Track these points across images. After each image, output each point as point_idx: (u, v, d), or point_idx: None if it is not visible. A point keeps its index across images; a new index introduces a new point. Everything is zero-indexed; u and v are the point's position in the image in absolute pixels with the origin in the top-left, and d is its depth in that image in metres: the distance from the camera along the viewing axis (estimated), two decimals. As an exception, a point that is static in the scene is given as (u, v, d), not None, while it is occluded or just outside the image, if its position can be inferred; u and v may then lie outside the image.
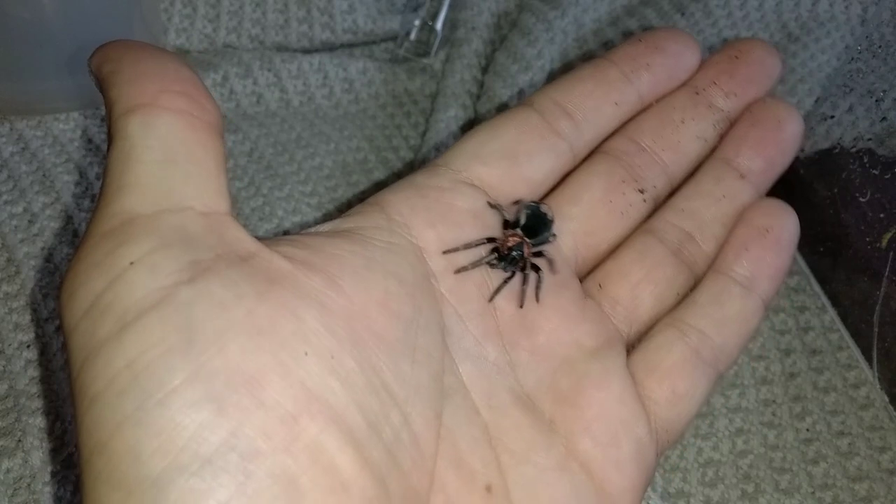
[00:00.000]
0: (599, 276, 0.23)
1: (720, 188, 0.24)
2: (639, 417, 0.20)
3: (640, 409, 0.20)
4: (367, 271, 0.18)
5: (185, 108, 0.16)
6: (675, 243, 0.23)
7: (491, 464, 0.18)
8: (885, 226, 0.31)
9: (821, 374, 0.32)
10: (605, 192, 0.23)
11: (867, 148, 0.32)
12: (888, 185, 0.31)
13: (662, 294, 0.23)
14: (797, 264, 0.35)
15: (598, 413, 0.20)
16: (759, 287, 0.23)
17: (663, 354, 0.22)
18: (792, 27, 0.42)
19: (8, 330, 0.28)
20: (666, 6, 0.44)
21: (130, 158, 0.16)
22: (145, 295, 0.15)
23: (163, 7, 0.39)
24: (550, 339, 0.21)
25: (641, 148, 0.24)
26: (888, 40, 0.32)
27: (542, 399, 0.20)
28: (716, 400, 0.31)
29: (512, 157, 0.22)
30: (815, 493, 0.29)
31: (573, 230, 0.23)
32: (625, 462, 0.19)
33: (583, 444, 0.19)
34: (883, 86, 0.32)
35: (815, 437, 0.30)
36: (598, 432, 0.19)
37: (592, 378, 0.20)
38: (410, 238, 0.20)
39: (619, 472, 0.19)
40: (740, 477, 0.29)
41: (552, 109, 0.23)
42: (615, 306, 0.22)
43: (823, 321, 0.33)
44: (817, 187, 0.34)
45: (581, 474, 0.19)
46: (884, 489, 0.29)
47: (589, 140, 0.24)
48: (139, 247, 0.15)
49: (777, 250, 0.23)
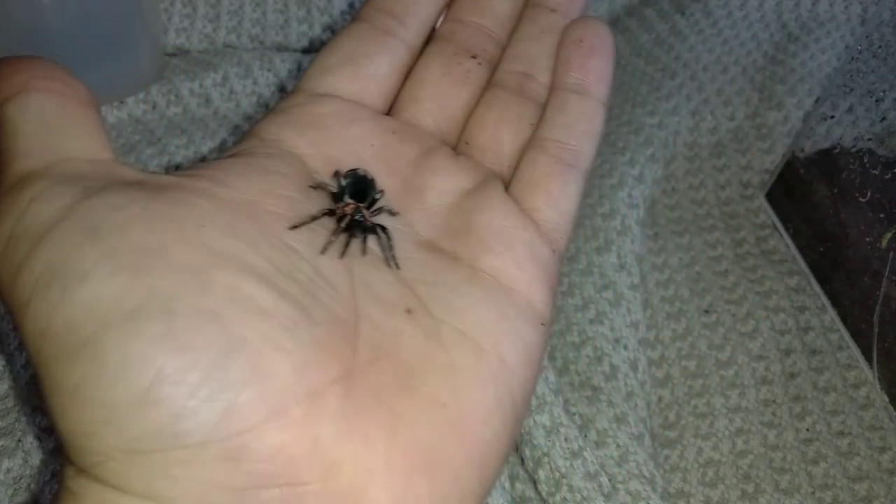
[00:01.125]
0: (464, 136, 0.26)
1: (537, 26, 0.28)
2: (525, 223, 0.23)
3: (524, 217, 0.23)
4: (251, 171, 0.20)
5: (54, 87, 0.19)
6: (516, 85, 0.27)
7: (408, 295, 0.20)
8: (885, 226, 0.31)
9: (821, 374, 0.32)
10: (442, 68, 0.26)
11: (867, 148, 0.32)
12: (888, 185, 0.31)
13: (518, 129, 0.26)
14: (797, 264, 0.35)
15: (489, 231, 0.23)
16: (591, 89, 0.26)
17: (531, 169, 0.25)
18: (792, 27, 0.42)
19: (8, 330, 0.28)
20: (666, 6, 0.44)
21: (14, 135, 0.18)
22: (49, 216, 0.17)
23: (163, 7, 0.39)
24: (436, 194, 0.23)
25: (465, 23, 0.27)
26: (888, 40, 0.32)
27: (441, 240, 0.22)
28: (716, 400, 0.31)
29: (354, 62, 0.25)
30: (815, 493, 0.29)
31: (428, 109, 0.26)
32: (523, 261, 0.22)
33: (484, 259, 0.22)
34: (883, 86, 0.32)
35: (815, 437, 0.30)
36: (493, 245, 0.22)
37: (478, 208, 0.23)
38: (285, 148, 0.22)
39: (521, 270, 0.22)
40: (740, 477, 0.29)
41: (376, 16, 0.26)
42: (484, 153, 0.25)
43: (823, 321, 0.33)
44: (817, 187, 0.34)
45: (489, 281, 0.22)
46: (884, 489, 0.29)
47: (416, 32, 0.26)
48: (36, 187, 0.17)
49: (594, 54, 0.27)
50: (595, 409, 0.29)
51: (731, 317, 0.33)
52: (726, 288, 0.34)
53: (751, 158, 0.39)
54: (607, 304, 0.32)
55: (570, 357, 0.31)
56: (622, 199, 0.35)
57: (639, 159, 0.36)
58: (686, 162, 0.39)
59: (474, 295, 0.21)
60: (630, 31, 0.43)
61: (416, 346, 0.19)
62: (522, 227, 0.23)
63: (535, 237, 0.23)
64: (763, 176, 0.38)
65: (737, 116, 0.39)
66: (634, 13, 0.44)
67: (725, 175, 0.38)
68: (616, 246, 0.33)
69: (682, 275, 0.35)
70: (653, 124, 0.38)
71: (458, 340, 0.20)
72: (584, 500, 0.26)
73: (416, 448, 0.18)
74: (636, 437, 0.28)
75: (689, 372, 0.32)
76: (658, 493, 0.27)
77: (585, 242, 0.34)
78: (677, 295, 0.34)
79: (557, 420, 0.28)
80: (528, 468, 0.28)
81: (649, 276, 0.35)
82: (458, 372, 0.19)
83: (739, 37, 0.42)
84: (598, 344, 0.31)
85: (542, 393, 0.28)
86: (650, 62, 0.41)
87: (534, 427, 0.28)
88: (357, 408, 0.17)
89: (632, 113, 0.38)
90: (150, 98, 0.37)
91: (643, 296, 0.33)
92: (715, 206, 0.38)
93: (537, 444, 0.28)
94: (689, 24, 0.42)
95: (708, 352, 0.32)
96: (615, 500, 0.27)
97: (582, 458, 0.27)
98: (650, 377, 0.32)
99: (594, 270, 0.33)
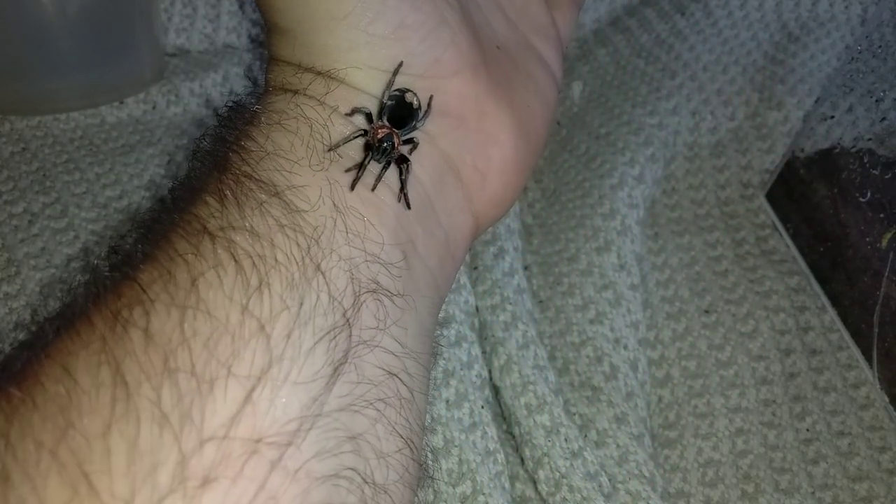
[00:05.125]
0: None
1: None
2: (552, 24, 0.30)
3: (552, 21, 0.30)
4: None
5: None
6: None
7: (493, 36, 0.27)
8: (885, 226, 0.31)
9: (821, 374, 0.32)
10: None
11: (867, 148, 0.32)
12: (888, 185, 0.31)
13: None
14: (797, 264, 0.35)
15: (537, 22, 0.29)
16: None
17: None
18: (792, 27, 0.42)
19: (8, 330, 0.28)
20: (666, 6, 0.44)
21: None
22: None
23: (163, 7, 0.39)
24: None
25: None
26: (888, 40, 0.32)
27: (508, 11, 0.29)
28: (716, 400, 0.31)
29: None
30: (815, 493, 0.29)
31: None
32: (554, 49, 0.29)
33: (531, 38, 0.29)
34: (883, 86, 0.32)
35: (815, 437, 0.30)
36: (538, 30, 0.29)
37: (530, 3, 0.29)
38: None
39: (553, 53, 0.29)
40: (740, 477, 0.29)
41: None
42: None
43: (823, 321, 0.33)
44: (817, 187, 0.34)
45: (536, 51, 0.28)
46: (884, 489, 0.29)
47: None
48: None
49: None
50: (595, 409, 0.29)
51: (731, 317, 0.33)
52: (726, 288, 0.34)
53: (751, 158, 0.39)
54: (607, 305, 0.32)
55: (570, 357, 0.31)
56: (622, 199, 0.35)
57: (639, 159, 0.36)
58: (686, 162, 0.39)
59: (530, 56, 0.28)
60: (630, 31, 0.43)
61: (508, 60, 0.26)
62: (552, 26, 0.29)
63: (557, 38, 0.29)
64: (763, 176, 0.38)
65: (737, 116, 0.39)
66: (634, 13, 0.44)
67: (725, 175, 0.38)
68: (616, 246, 0.33)
69: (682, 275, 0.35)
70: (653, 124, 0.38)
71: (530, 71, 0.27)
72: (584, 500, 0.26)
73: (523, 116, 0.26)
74: (636, 437, 0.28)
75: (689, 372, 0.32)
76: (658, 493, 0.27)
77: (585, 242, 0.34)
78: (677, 295, 0.34)
79: (557, 420, 0.28)
80: (528, 468, 0.28)
81: (649, 276, 0.35)
82: (536, 79, 0.27)
83: (739, 37, 0.42)
84: (598, 344, 0.31)
85: (543, 393, 0.28)
86: (650, 62, 0.41)
87: (534, 427, 0.28)
88: (493, 79, 0.25)
89: (632, 113, 0.38)
90: (150, 98, 0.37)
91: (643, 296, 0.33)
92: (715, 206, 0.38)
93: (537, 444, 0.28)
94: (689, 24, 0.42)
95: (708, 352, 0.32)
96: (615, 500, 0.27)
97: (582, 458, 0.27)
98: (650, 377, 0.32)
99: (594, 270, 0.33)
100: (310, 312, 0.18)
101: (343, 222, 0.20)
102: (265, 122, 0.22)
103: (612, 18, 0.45)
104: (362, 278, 0.20)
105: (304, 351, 0.18)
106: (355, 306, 0.20)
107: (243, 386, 0.17)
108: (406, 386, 0.20)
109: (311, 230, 0.20)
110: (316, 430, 0.18)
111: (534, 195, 0.38)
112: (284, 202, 0.20)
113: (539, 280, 0.34)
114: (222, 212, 0.19)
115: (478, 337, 0.31)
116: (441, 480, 0.26)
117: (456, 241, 0.25)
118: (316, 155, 0.21)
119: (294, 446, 0.17)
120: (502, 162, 0.25)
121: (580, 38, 0.44)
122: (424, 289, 0.23)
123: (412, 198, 0.22)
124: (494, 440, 0.28)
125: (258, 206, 0.19)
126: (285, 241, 0.19)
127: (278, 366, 0.17)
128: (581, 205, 0.35)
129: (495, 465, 0.27)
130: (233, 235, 0.19)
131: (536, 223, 0.37)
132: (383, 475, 0.19)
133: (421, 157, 0.23)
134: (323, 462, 0.18)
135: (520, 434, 0.28)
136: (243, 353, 0.17)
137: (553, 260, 0.34)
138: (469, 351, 0.29)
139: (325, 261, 0.19)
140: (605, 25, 0.44)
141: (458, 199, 0.25)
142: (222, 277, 0.18)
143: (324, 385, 0.18)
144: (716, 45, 0.41)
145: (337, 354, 0.19)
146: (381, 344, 0.20)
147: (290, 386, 0.17)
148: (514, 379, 0.29)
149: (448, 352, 0.29)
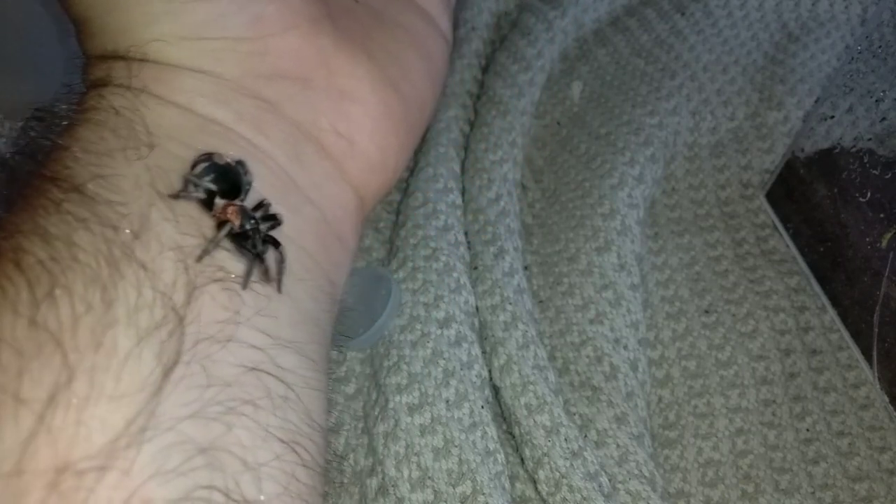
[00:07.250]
0: None
1: None
2: None
3: None
4: None
5: None
6: None
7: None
8: (885, 226, 0.31)
9: (821, 374, 0.32)
10: None
11: (867, 148, 0.32)
12: (888, 185, 0.31)
13: None
14: (797, 264, 0.35)
15: None
16: None
17: None
18: (792, 27, 0.42)
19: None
20: (666, 6, 0.44)
21: None
22: None
23: None
24: None
25: None
26: (888, 40, 0.32)
27: None
28: (716, 400, 0.31)
29: None
30: (815, 493, 0.29)
31: None
32: None
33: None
34: (883, 86, 0.32)
35: (815, 437, 0.30)
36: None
37: None
38: None
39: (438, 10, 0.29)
40: (740, 477, 0.29)
41: None
42: None
43: (823, 321, 0.33)
44: (817, 187, 0.34)
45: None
46: (884, 489, 0.29)
47: None
48: None
49: None
50: (595, 409, 0.29)
51: (731, 317, 0.33)
52: (726, 288, 0.34)
53: (751, 158, 0.38)
54: (607, 305, 0.32)
55: (570, 357, 0.31)
56: (622, 199, 0.35)
57: (639, 159, 0.36)
58: (686, 162, 0.39)
59: (402, 6, 0.27)
60: (630, 31, 0.43)
61: (367, 11, 0.25)
62: None
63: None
64: (763, 176, 0.38)
65: (737, 116, 0.39)
66: (634, 13, 0.44)
67: (725, 175, 0.38)
68: (616, 246, 0.33)
69: (682, 275, 0.35)
70: (653, 124, 0.38)
71: (401, 21, 0.26)
72: (584, 500, 0.26)
73: (389, 68, 0.24)
74: (636, 437, 0.28)
75: (689, 372, 0.32)
76: (658, 493, 0.27)
77: (585, 242, 0.34)
78: (677, 295, 0.34)
79: (557, 420, 0.28)
80: (528, 468, 0.28)
81: (649, 276, 0.35)
82: (409, 29, 0.26)
83: (739, 37, 0.42)
84: (598, 344, 0.31)
85: (542, 393, 0.28)
86: (650, 62, 0.41)
87: (534, 427, 0.28)
88: (344, 33, 0.23)
89: (632, 113, 0.38)
90: None
91: (643, 296, 0.33)
92: (715, 206, 0.38)
93: (537, 444, 0.28)
94: (689, 24, 0.42)
95: (708, 352, 0.32)
96: (615, 500, 0.27)
97: (582, 458, 0.27)
98: (650, 377, 0.32)
99: (594, 270, 0.33)
100: (126, 312, 0.16)
101: (170, 209, 0.18)
102: (73, 122, 0.20)
103: (612, 18, 0.45)
104: (201, 267, 0.18)
105: (121, 357, 0.16)
106: (191, 299, 0.17)
107: (32, 410, 0.15)
108: (282, 382, 0.18)
109: (123, 221, 0.17)
110: (150, 446, 0.15)
111: (534, 195, 0.38)
112: (86, 196, 0.17)
113: (539, 280, 0.34)
114: (9, 220, 0.17)
115: (478, 337, 0.31)
116: (441, 480, 0.26)
117: (338, 218, 0.22)
118: (133, 142, 0.19)
119: (118, 470, 0.15)
120: (369, 121, 0.23)
121: (580, 38, 0.44)
122: (300, 272, 0.20)
123: (263, 175, 0.20)
124: (494, 440, 0.28)
125: (53, 204, 0.17)
126: (87, 237, 0.17)
127: (84, 378, 0.15)
128: (581, 205, 0.35)
129: (495, 465, 0.27)
130: (21, 242, 0.16)
131: (536, 223, 0.37)
132: (256, 489, 0.17)
133: (266, 128, 0.21)
134: (166, 485, 0.15)
135: (520, 434, 0.28)
136: (30, 372, 0.15)
137: (553, 260, 0.34)
138: (469, 351, 0.29)
139: (144, 252, 0.17)
140: (605, 25, 0.44)
141: (325, 170, 0.22)
142: (7, 290, 0.16)
143: (151, 393, 0.16)
144: (716, 45, 0.41)
145: (167, 356, 0.16)
146: (238, 337, 0.18)
147: (106, 400, 0.15)
148: (514, 379, 0.29)
149: (448, 352, 0.29)
